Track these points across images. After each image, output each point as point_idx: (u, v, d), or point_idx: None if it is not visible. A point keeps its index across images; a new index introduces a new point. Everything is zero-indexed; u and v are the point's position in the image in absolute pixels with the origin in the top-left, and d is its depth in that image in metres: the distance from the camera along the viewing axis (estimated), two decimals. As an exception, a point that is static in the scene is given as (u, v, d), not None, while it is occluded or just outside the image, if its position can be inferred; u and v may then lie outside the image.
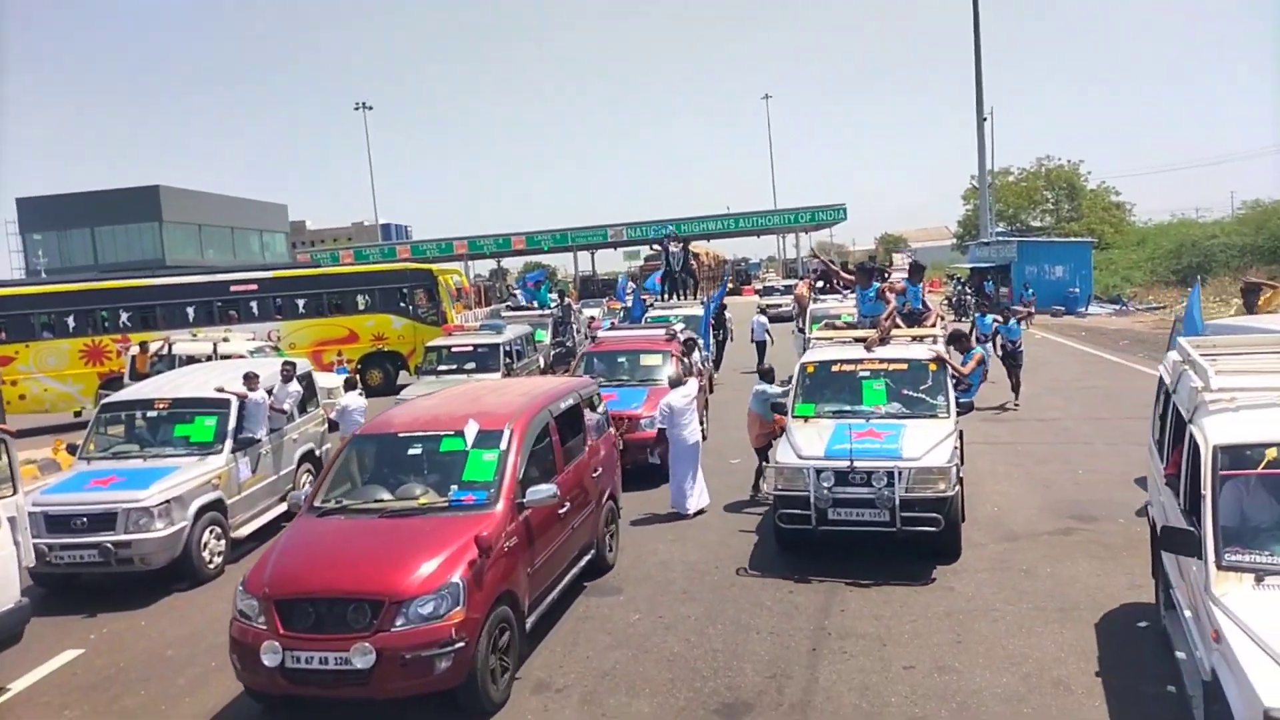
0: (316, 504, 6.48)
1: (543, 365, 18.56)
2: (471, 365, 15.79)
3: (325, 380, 14.86)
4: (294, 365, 11.29)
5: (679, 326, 14.85)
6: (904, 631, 6.62)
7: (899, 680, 5.89)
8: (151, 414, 9.81)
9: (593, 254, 67.26)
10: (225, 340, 16.54)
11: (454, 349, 16.42)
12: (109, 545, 8.10)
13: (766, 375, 10.21)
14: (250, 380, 9.95)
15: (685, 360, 12.31)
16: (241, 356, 15.00)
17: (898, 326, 9.88)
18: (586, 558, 7.71)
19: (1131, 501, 9.07)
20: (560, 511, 6.89)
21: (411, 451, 6.82)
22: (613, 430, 9.22)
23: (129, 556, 8.18)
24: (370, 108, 66.29)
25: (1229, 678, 3.98)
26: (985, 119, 41.57)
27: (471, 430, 6.62)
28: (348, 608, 5.39)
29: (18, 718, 6.24)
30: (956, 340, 11.05)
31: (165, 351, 16.25)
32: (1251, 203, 45.22)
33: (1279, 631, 3.95)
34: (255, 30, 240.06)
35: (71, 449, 11.93)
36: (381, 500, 6.39)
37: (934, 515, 7.54)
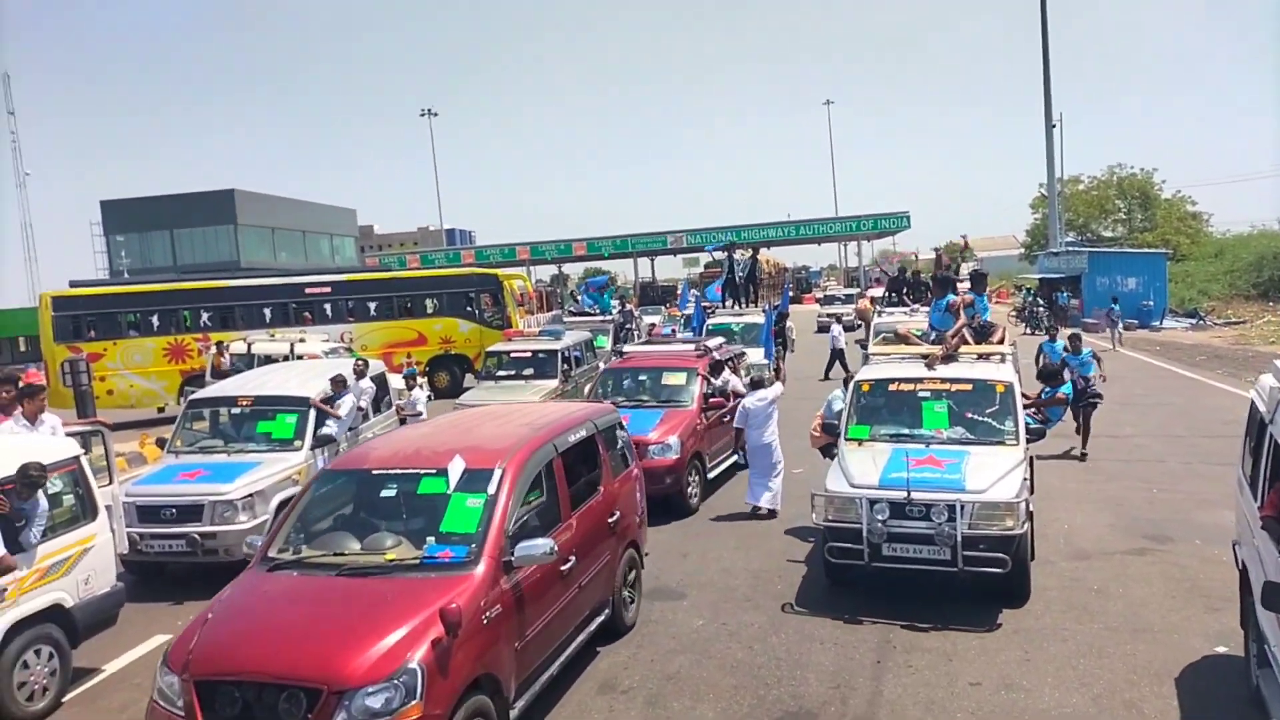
0: (270, 554, 5.51)
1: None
2: (530, 371, 15.80)
3: (393, 381, 15.30)
4: (366, 363, 11.69)
5: (717, 341, 13.72)
6: (970, 647, 6.57)
7: (965, 696, 5.86)
8: (235, 410, 10.24)
9: (652, 260, 67.59)
10: (301, 341, 17.11)
11: (513, 354, 16.44)
12: (196, 536, 8.51)
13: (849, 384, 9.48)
14: (337, 384, 10.38)
15: (711, 381, 11.63)
16: (316, 356, 15.53)
17: (965, 343, 9.29)
18: (598, 620, 6.59)
19: (1208, 524, 8.83)
20: (564, 568, 5.86)
21: (386, 492, 5.84)
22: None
23: (214, 547, 8.56)
24: (436, 114, 67.68)
25: None
26: (1054, 125, 40.68)
27: (456, 469, 5.59)
28: (280, 695, 4.41)
29: (111, 698, 6.60)
30: (1049, 378, 10.64)
31: (245, 351, 16.90)
32: (1339, 214, 43.40)
33: None
34: (324, 39, 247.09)
35: (160, 443, 12.53)
36: (343, 554, 5.38)
37: (1000, 555, 6.85)
